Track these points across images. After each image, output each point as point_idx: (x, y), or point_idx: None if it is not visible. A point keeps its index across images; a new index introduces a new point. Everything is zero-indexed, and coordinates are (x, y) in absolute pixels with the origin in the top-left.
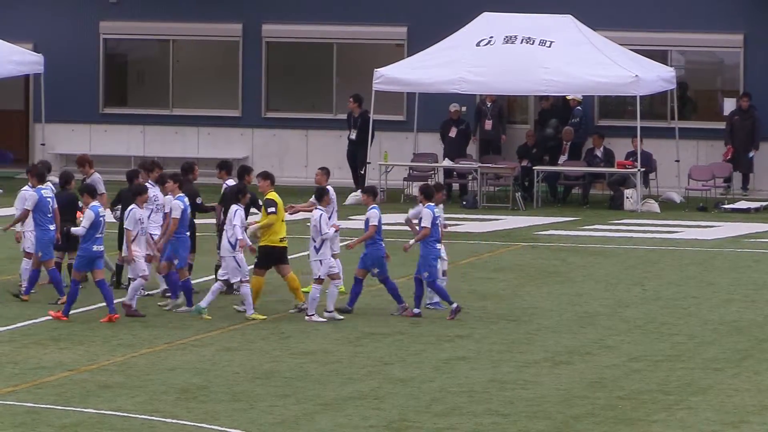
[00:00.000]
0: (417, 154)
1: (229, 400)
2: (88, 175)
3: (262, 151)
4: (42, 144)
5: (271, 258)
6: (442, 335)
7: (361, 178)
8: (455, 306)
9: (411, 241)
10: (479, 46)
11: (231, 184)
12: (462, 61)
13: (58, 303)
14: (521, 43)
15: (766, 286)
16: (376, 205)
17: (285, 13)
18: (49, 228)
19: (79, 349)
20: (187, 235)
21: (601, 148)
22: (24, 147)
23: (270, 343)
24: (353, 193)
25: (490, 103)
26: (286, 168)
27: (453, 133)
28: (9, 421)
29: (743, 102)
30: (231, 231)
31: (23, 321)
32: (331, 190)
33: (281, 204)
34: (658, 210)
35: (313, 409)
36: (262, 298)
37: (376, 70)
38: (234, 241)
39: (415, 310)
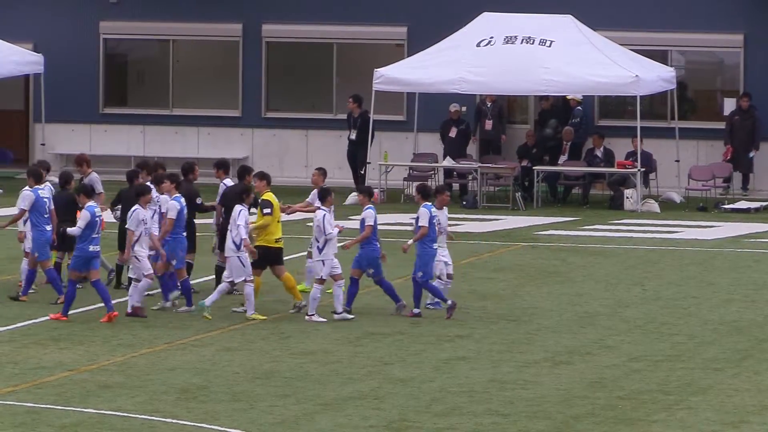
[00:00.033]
0: (417, 154)
1: (229, 400)
2: (85, 174)
3: (262, 151)
4: (42, 144)
5: (267, 258)
6: (442, 335)
7: (361, 178)
8: (450, 302)
9: (409, 242)
10: (479, 46)
11: (228, 183)
12: (462, 61)
13: (57, 302)
14: (521, 43)
15: (766, 286)
16: (371, 205)
17: (285, 13)
18: (46, 228)
19: (79, 349)
20: (183, 236)
21: (601, 148)
22: (24, 147)
23: (270, 343)
24: (353, 194)
25: (490, 103)
26: (286, 168)
27: (453, 133)
28: (9, 421)
29: (743, 102)
30: (235, 231)
31: (23, 321)
32: None
33: (277, 205)
34: (658, 210)
35: (313, 409)
36: (259, 298)
37: (376, 70)
38: (239, 240)
39: (415, 310)
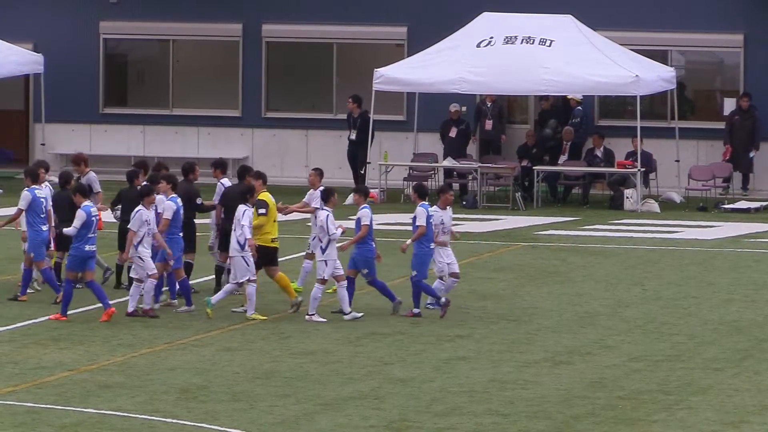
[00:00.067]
0: (417, 154)
1: (229, 400)
2: (83, 173)
3: (262, 151)
4: (42, 144)
5: (263, 258)
6: (442, 335)
7: (361, 178)
8: (444, 300)
9: (408, 241)
10: (479, 46)
11: (226, 183)
12: (462, 61)
13: (57, 302)
14: (521, 43)
15: (766, 286)
16: (367, 205)
17: (285, 13)
18: (42, 228)
19: (79, 349)
20: (180, 236)
21: (601, 148)
22: (24, 147)
23: (270, 343)
24: (353, 194)
25: (490, 103)
26: (286, 168)
27: (453, 133)
28: (9, 421)
29: (743, 102)
30: (240, 231)
31: (23, 321)
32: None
33: (273, 205)
34: (658, 210)
35: (313, 409)
36: (259, 298)
37: (376, 70)
38: (243, 240)
39: (415, 310)
